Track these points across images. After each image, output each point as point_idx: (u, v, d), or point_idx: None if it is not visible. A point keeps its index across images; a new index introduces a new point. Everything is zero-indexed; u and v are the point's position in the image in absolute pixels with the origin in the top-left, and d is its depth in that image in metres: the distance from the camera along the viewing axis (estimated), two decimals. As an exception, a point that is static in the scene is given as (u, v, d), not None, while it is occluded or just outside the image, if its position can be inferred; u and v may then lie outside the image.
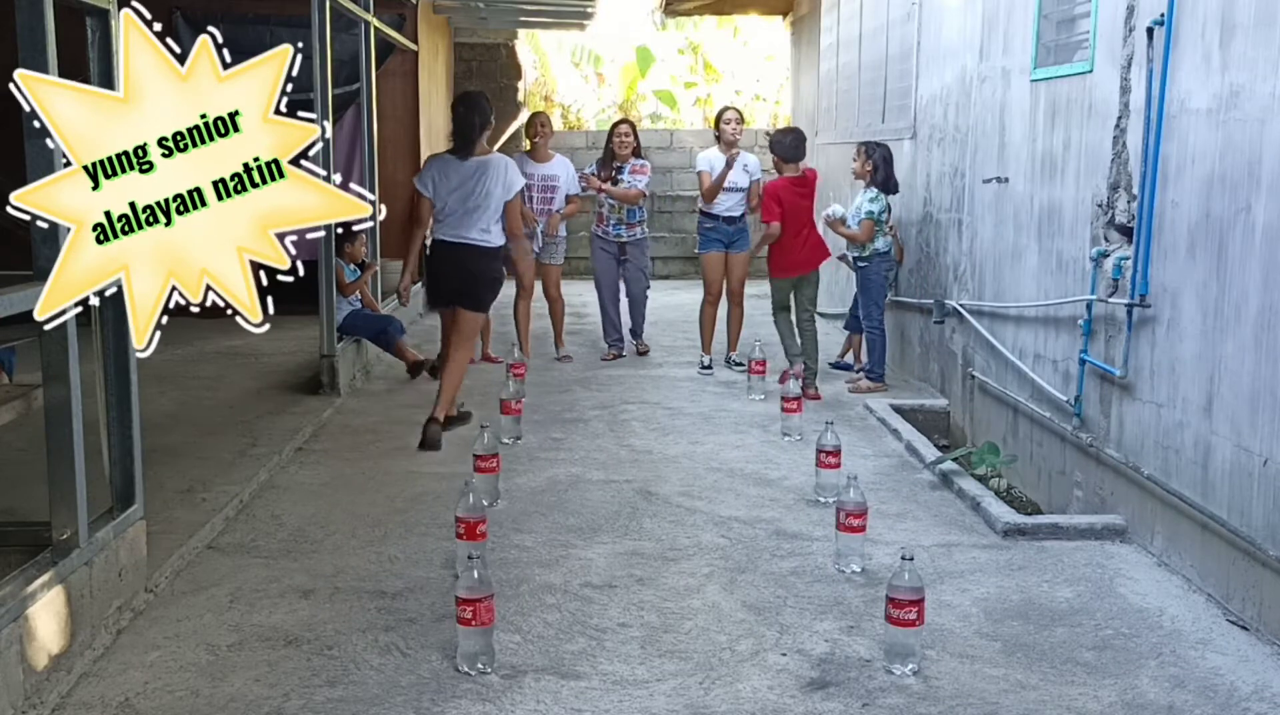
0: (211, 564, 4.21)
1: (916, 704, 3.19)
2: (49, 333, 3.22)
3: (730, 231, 7.73)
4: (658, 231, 14.21)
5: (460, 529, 3.96)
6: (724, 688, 3.28)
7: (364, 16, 8.04)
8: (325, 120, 6.67)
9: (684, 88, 18.85)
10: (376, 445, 5.91)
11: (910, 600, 3.34)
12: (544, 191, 7.93)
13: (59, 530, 3.30)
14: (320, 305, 6.83)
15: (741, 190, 7.68)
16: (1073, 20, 5.22)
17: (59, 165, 3.15)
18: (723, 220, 7.67)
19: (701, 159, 7.82)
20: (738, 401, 6.99)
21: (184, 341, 8.26)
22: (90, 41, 3.49)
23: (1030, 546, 4.45)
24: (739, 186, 7.66)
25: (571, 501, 4.98)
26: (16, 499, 4.35)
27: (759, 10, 13.39)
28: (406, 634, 3.60)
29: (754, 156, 7.87)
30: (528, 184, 6.84)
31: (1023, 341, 5.61)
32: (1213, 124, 3.94)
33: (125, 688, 3.24)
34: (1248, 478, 3.72)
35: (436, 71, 12.04)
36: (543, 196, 7.92)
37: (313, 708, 3.14)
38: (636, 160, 8.11)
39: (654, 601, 3.89)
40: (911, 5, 7.59)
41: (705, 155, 7.81)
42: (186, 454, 5.36)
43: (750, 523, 4.71)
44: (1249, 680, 3.34)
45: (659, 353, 8.66)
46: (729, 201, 7.67)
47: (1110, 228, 4.69)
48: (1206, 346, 3.97)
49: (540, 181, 7.88)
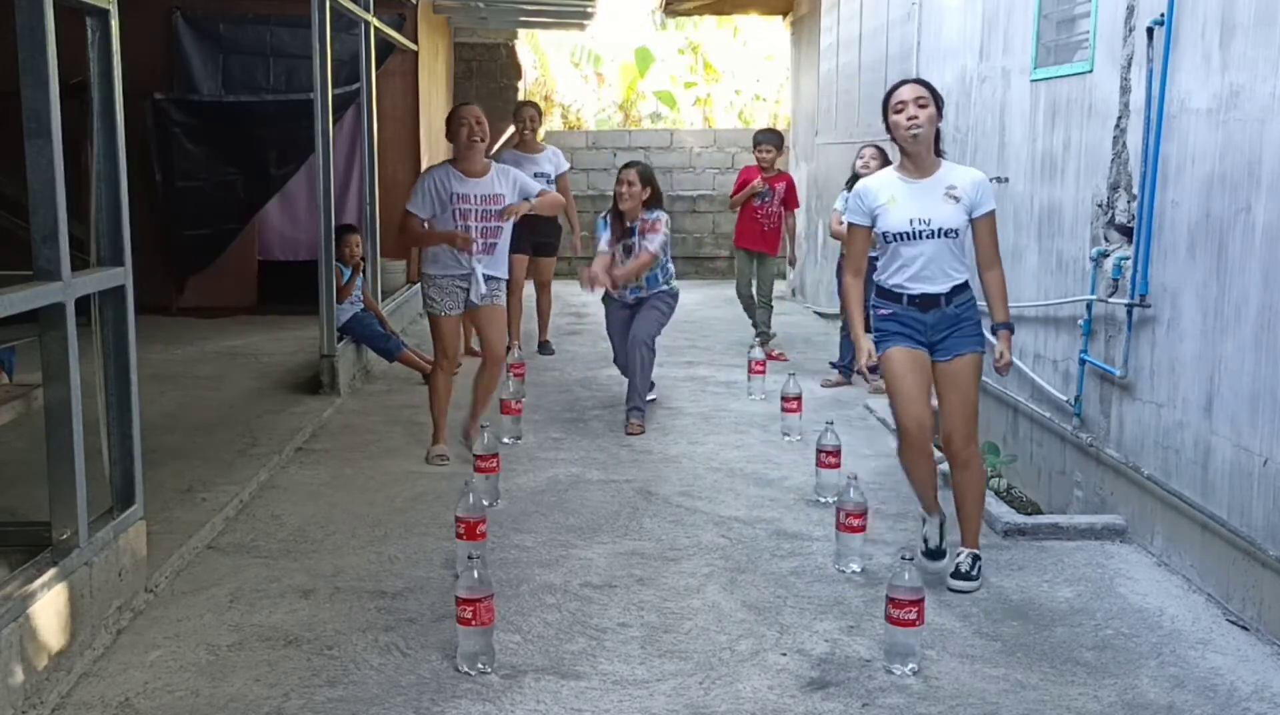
0: (211, 564, 4.21)
1: (916, 704, 3.19)
2: (49, 333, 3.22)
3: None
4: (658, 231, 14.22)
5: (460, 529, 3.96)
6: (724, 688, 3.27)
7: (364, 16, 8.04)
8: (325, 120, 6.75)
9: (684, 88, 18.86)
10: (376, 445, 5.91)
11: (910, 600, 3.34)
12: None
13: (59, 530, 3.30)
14: (320, 305, 6.83)
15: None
16: (1073, 20, 5.22)
17: (60, 166, 3.16)
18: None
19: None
20: (738, 401, 6.99)
21: (184, 341, 8.28)
22: (90, 41, 3.50)
23: (1030, 546, 4.45)
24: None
25: (571, 501, 4.98)
26: (16, 499, 4.36)
27: (759, 10, 13.40)
28: (406, 634, 3.60)
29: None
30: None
31: (1023, 341, 5.61)
32: (1213, 124, 3.94)
33: (125, 688, 3.24)
34: (1248, 478, 3.72)
35: (436, 71, 12.04)
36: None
37: (313, 708, 3.14)
38: (649, 213, 6.32)
39: (654, 601, 3.89)
40: (911, 5, 7.59)
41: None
42: (186, 454, 5.36)
43: (750, 523, 4.71)
44: (1249, 680, 3.34)
45: (658, 352, 8.64)
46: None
47: (1110, 228, 4.69)
48: (1206, 346, 3.97)
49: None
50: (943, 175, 4.02)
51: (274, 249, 10.00)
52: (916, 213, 3.95)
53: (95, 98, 3.52)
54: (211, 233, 9.59)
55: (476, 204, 5.35)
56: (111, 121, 3.54)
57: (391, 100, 10.23)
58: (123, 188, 3.59)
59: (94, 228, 3.58)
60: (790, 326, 9.82)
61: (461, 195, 5.33)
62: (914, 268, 3.99)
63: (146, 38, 8.15)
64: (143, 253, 4.13)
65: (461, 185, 5.35)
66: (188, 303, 9.63)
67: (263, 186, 9.66)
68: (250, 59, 9.73)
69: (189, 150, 9.48)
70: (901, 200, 3.98)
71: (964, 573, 4.02)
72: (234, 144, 9.46)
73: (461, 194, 5.33)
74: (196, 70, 9.54)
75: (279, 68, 9.71)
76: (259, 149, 9.49)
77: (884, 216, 4.00)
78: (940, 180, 4.00)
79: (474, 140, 5.31)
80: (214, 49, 9.64)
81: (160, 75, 9.30)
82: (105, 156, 3.55)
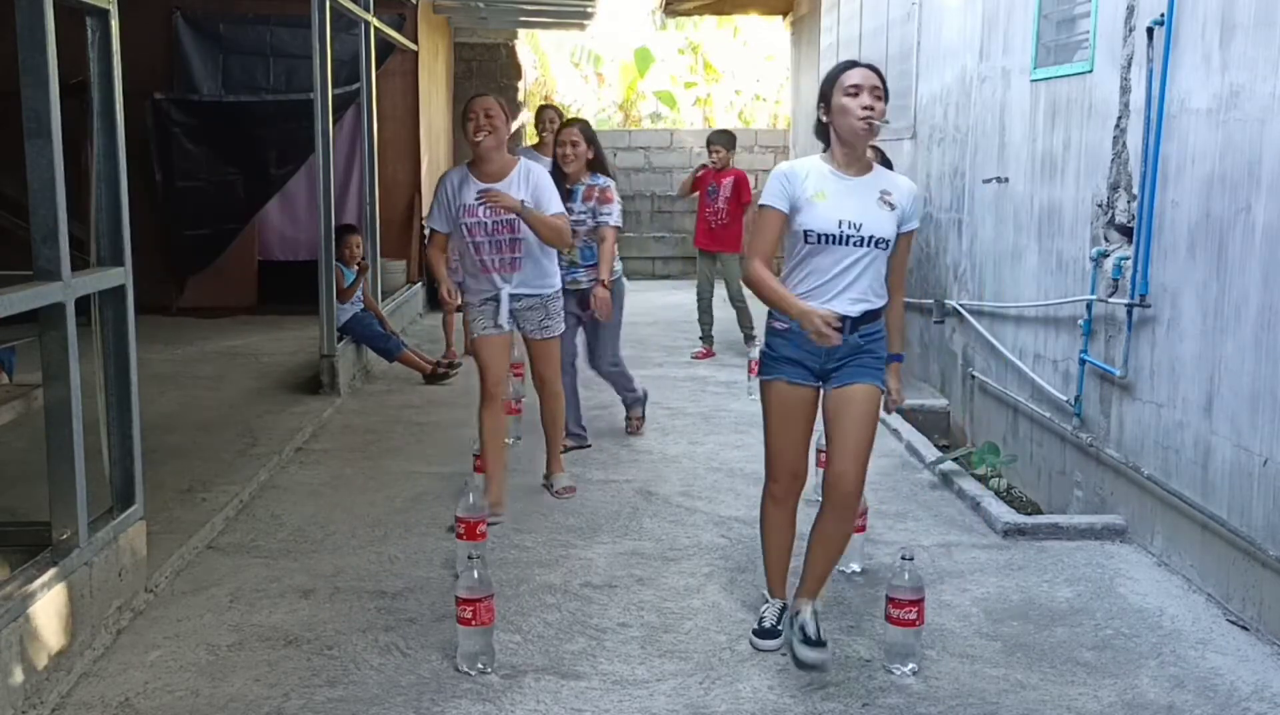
0: (211, 564, 4.21)
1: (916, 704, 3.19)
2: (49, 333, 3.22)
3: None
4: (658, 231, 14.25)
5: (460, 529, 3.96)
6: (724, 688, 3.27)
7: (364, 16, 8.04)
8: (325, 120, 6.75)
9: (684, 88, 18.89)
10: (376, 445, 5.91)
11: (910, 600, 3.34)
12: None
13: (59, 530, 3.30)
14: (320, 305, 6.83)
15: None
16: (1073, 20, 5.22)
17: (60, 166, 3.16)
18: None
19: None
20: (738, 401, 6.99)
21: (184, 341, 8.28)
22: (90, 41, 3.50)
23: (1030, 546, 4.45)
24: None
25: (571, 501, 4.98)
26: (16, 499, 4.36)
27: (759, 10, 13.41)
28: (406, 634, 3.60)
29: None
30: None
31: (1023, 341, 5.61)
32: (1213, 124, 3.94)
33: (125, 688, 3.24)
34: (1248, 478, 3.72)
35: (436, 71, 12.04)
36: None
37: (313, 708, 3.14)
38: (595, 179, 5.50)
39: (654, 601, 3.89)
40: (911, 5, 7.59)
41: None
42: (186, 454, 5.36)
43: (750, 523, 4.70)
44: (1249, 680, 3.34)
45: (659, 353, 8.67)
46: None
47: (1110, 228, 4.69)
48: (1206, 346, 3.97)
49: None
50: (876, 177, 3.44)
51: (274, 249, 10.00)
52: (847, 213, 3.33)
53: (95, 98, 3.52)
54: (211, 233, 9.59)
55: (485, 216, 4.55)
56: (111, 121, 3.54)
57: (391, 100, 10.23)
58: (123, 188, 3.59)
59: (94, 228, 3.58)
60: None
61: (469, 207, 4.55)
62: (826, 278, 3.36)
63: (146, 38, 8.15)
64: (143, 253, 4.13)
65: (471, 193, 4.54)
66: (188, 303, 9.64)
67: (263, 186, 9.67)
68: (250, 59, 9.73)
69: (189, 150, 9.49)
70: (831, 196, 3.35)
71: (813, 639, 3.38)
72: (234, 144, 9.47)
73: (469, 206, 4.55)
74: (196, 70, 9.55)
75: (279, 68, 9.71)
76: (259, 149, 9.49)
77: (808, 211, 3.34)
78: (874, 182, 3.42)
79: (478, 136, 4.50)
80: (214, 49, 9.64)
81: (160, 75, 9.31)
82: (105, 156, 3.56)
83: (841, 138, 3.38)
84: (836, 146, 3.42)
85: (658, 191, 14.22)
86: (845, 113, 3.32)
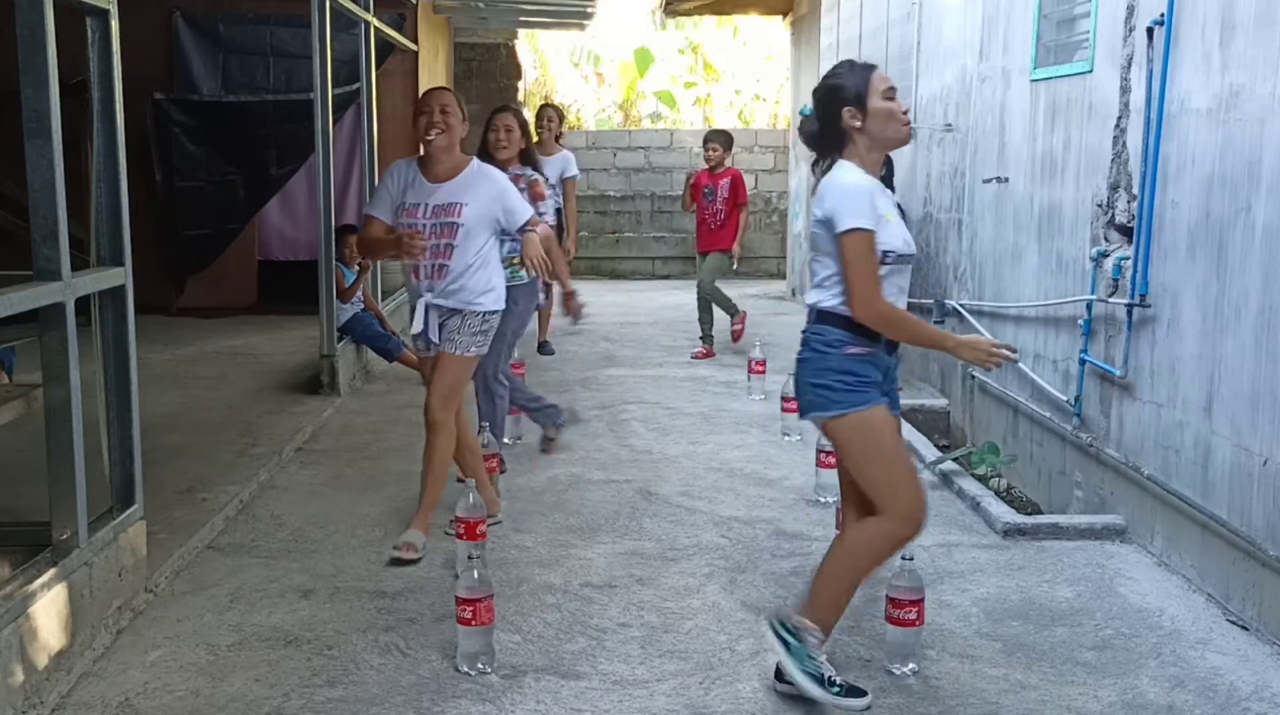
0: (211, 564, 4.21)
1: (916, 704, 3.19)
2: (49, 333, 3.22)
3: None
4: (658, 231, 14.24)
5: (460, 529, 3.96)
6: (724, 688, 3.27)
7: (364, 16, 8.04)
8: (325, 120, 6.75)
9: (684, 88, 18.88)
10: (376, 445, 5.91)
11: (910, 600, 3.34)
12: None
13: (59, 530, 3.30)
14: (320, 305, 6.83)
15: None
16: (1073, 20, 5.22)
17: (60, 166, 3.16)
18: None
19: None
20: (738, 401, 6.99)
21: (184, 341, 8.28)
22: (90, 41, 3.50)
23: (1030, 546, 4.45)
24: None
25: (571, 501, 4.98)
26: (16, 499, 4.35)
27: (759, 10, 13.40)
28: (406, 634, 3.60)
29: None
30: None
31: (1023, 341, 5.61)
32: (1213, 124, 3.94)
33: (125, 688, 3.24)
34: (1248, 478, 3.72)
35: (436, 71, 12.04)
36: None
37: (313, 708, 3.14)
38: (523, 170, 5.27)
39: (654, 601, 3.89)
40: (911, 5, 7.59)
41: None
42: (186, 454, 5.36)
43: (750, 523, 4.71)
44: (1249, 680, 3.34)
45: (659, 353, 8.67)
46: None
47: (1110, 228, 4.69)
48: (1206, 346, 3.97)
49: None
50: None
51: (274, 249, 10.00)
52: (907, 232, 3.16)
53: (95, 98, 3.52)
54: (211, 233, 9.59)
55: (425, 217, 4.24)
56: (111, 121, 3.54)
57: (391, 100, 10.22)
58: (123, 188, 3.59)
59: (94, 228, 3.58)
60: (788, 326, 9.80)
61: (410, 206, 4.28)
62: (904, 300, 3.16)
63: (146, 38, 8.15)
64: (143, 253, 4.12)
65: (415, 192, 4.29)
66: (188, 303, 9.63)
67: (263, 186, 9.66)
68: (250, 59, 9.73)
69: (189, 150, 9.49)
70: (895, 214, 3.13)
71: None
72: (234, 144, 9.46)
73: (410, 204, 4.28)
74: (196, 70, 9.54)
75: (279, 68, 9.71)
76: (259, 149, 9.49)
77: (886, 230, 3.06)
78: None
79: (430, 134, 4.21)
80: (214, 49, 9.64)
81: (160, 75, 9.30)
82: (105, 156, 3.56)
83: (876, 144, 3.11)
84: (866, 154, 3.12)
85: (658, 191, 14.22)
86: (891, 118, 3.06)
